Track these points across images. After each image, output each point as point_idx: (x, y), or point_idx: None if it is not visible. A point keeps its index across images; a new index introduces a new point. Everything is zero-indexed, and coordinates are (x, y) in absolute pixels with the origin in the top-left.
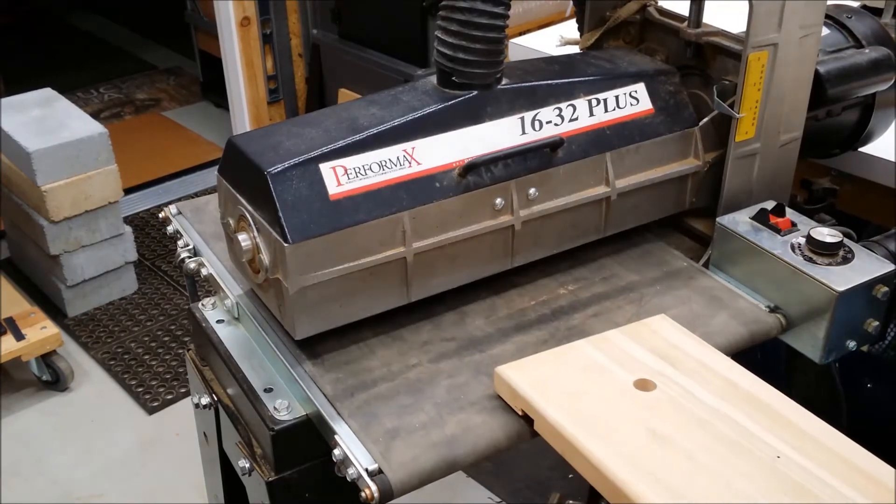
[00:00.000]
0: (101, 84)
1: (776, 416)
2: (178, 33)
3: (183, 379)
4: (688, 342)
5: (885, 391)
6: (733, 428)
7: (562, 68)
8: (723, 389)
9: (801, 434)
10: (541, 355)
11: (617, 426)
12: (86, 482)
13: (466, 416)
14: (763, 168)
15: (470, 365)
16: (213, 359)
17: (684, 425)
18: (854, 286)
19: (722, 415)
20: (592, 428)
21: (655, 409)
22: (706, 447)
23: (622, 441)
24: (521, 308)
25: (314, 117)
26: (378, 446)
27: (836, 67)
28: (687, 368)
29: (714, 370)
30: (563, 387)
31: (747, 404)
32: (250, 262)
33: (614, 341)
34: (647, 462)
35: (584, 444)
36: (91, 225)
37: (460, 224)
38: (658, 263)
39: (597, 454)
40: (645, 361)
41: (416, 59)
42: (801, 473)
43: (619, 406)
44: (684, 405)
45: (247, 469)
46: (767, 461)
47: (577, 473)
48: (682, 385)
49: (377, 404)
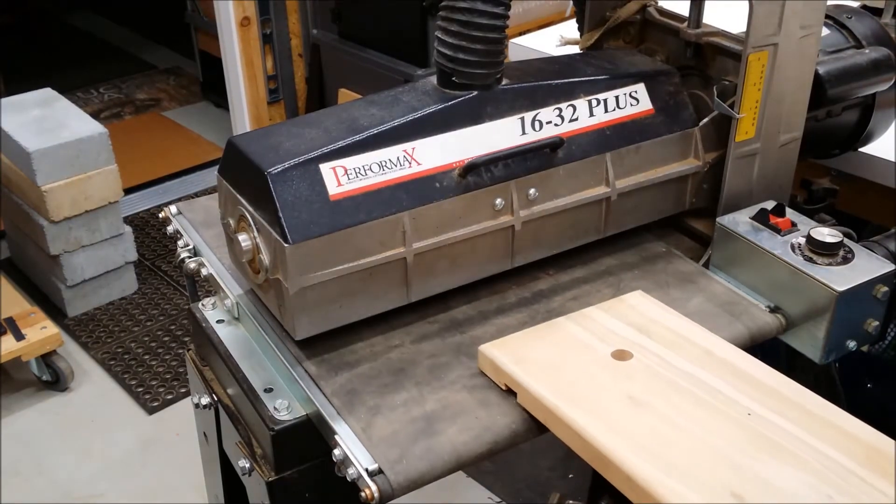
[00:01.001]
0: (101, 84)
1: (749, 379)
2: (178, 33)
3: (183, 379)
4: (664, 315)
5: (885, 391)
6: (708, 391)
7: (562, 68)
8: (698, 357)
9: (774, 393)
10: (522, 333)
11: (597, 395)
12: (85, 482)
13: (447, 394)
14: (763, 168)
15: (451, 346)
16: (213, 359)
17: (661, 391)
18: (854, 286)
19: (697, 380)
20: (573, 398)
21: (633, 378)
22: (682, 410)
23: (602, 408)
24: (502, 292)
25: (314, 117)
26: (360, 422)
27: (836, 68)
28: (663, 339)
29: (690, 340)
30: (545, 361)
31: (722, 369)
32: (250, 263)
33: (593, 317)
34: (627, 427)
35: (566, 413)
36: (91, 225)
37: (460, 224)
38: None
39: (578, 422)
40: (622, 334)
41: (416, 59)
42: (773, 429)
43: (598, 376)
44: (660, 372)
45: (247, 469)
46: (741, 420)
47: (577, 474)
48: (659, 354)
49: (359, 382)
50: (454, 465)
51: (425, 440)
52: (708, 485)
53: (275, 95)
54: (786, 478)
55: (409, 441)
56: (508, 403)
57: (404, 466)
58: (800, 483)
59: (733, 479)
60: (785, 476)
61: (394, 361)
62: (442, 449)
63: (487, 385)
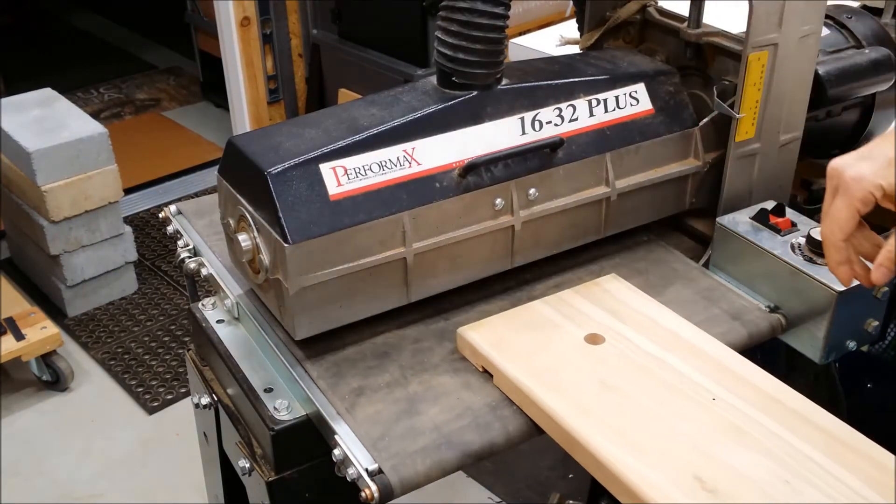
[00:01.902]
0: (101, 84)
1: (715, 363)
2: (178, 33)
3: (183, 379)
4: (635, 299)
5: (886, 391)
6: (676, 376)
7: (562, 68)
8: (667, 340)
9: (739, 379)
10: (499, 316)
11: (569, 378)
12: (86, 482)
13: (429, 377)
14: (763, 168)
15: (435, 331)
16: (213, 359)
17: (631, 375)
18: (854, 286)
19: (665, 364)
20: (546, 380)
21: (604, 362)
22: (651, 394)
23: (574, 391)
24: (487, 280)
25: (314, 117)
26: (344, 403)
27: (836, 68)
28: (634, 322)
29: (660, 323)
30: (520, 343)
31: (690, 354)
32: (250, 263)
33: (568, 300)
34: (596, 409)
35: (538, 396)
36: (91, 225)
37: (460, 224)
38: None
39: (549, 404)
40: (596, 318)
41: (416, 59)
42: (736, 414)
43: (571, 360)
44: (631, 357)
45: (247, 469)
46: (705, 404)
47: (577, 474)
48: (630, 338)
49: (345, 365)
50: (437, 439)
51: (408, 419)
52: (672, 467)
53: (275, 95)
54: (746, 462)
55: (392, 421)
56: (490, 385)
57: (387, 443)
58: (759, 467)
59: (696, 462)
60: (745, 460)
61: (378, 345)
62: (423, 427)
63: (468, 368)
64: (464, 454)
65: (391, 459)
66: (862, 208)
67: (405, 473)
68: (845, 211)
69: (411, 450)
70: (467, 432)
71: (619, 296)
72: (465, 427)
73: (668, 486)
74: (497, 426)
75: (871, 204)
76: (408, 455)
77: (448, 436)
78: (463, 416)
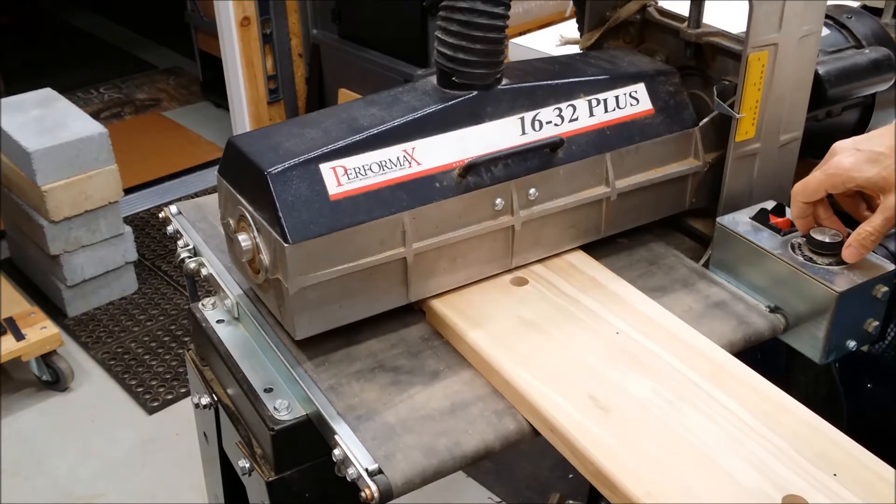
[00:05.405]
0: (101, 84)
1: (622, 303)
2: (178, 33)
3: (183, 379)
4: (579, 258)
5: (885, 391)
6: (585, 313)
7: (562, 68)
8: (583, 284)
9: (643, 317)
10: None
11: (490, 314)
12: (86, 482)
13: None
14: (763, 168)
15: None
16: (213, 359)
17: (546, 312)
18: (854, 286)
19: (578, 303)
20: (471, 317)
21: (524, 301)
22: (562, 329)
23: (494, 326)
24: None
25: (314, 117)
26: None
27: (836, 68)
28: (557, 268)
29: (580, 270)
30: (462, 293)
31: (602, 295)
32: (250, 263)
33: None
34: (513, 342)
35: (463, 330)
36: (91, 225)
37: (460, 224)
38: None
39: (471, 336)
40: (533, 269)
41: (416, 59)
42: (634, 346)
43: (495, 299)
44: (549, 296)
45: (247, 469)
46: (608, 337)
47: (577, 474)
48: (550, 281)
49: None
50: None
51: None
52: (571, 389)
53: (275, 95)
54: (636, 385)
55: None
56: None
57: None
58: (647, 389)
59: (593, 385)
60: (636, 383)
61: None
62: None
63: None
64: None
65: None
66: (830, 189)
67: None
68: (814, 184)
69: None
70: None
71: (569, 259)
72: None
73: (566, 405)
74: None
75: (840, 190)
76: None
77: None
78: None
